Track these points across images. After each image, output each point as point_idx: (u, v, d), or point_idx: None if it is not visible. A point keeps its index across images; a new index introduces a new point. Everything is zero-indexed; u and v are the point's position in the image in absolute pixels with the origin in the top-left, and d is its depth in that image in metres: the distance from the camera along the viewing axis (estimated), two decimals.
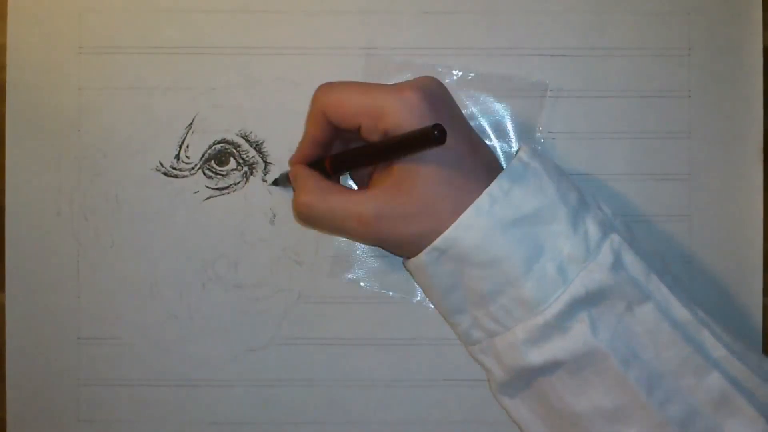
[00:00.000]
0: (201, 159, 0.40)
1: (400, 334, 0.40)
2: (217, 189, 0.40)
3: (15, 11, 0.40)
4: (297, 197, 0.35)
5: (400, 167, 0.34)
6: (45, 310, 0.40)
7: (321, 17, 0.40)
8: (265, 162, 0.40)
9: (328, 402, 0.40)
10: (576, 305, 0.33)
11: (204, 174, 0.40)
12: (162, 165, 0.40)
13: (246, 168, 0.40)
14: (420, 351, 0.40)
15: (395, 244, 0.35)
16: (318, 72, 0.40)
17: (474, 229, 0.33)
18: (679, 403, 0.32)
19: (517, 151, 0.35)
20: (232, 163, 0.40)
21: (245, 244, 0.40)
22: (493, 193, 0.33)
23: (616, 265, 0.33)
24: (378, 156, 0.34)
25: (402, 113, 0.33)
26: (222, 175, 0.40)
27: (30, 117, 0.40)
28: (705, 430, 0.32)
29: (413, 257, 0.34)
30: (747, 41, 0.40)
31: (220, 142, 0.40)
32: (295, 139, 0.39)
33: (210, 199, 0.40)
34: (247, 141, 0.40)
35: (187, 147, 0.40)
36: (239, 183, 0.40)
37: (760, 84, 0.40)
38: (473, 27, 0.40)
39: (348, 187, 0.36)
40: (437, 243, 0.33)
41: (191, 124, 0.40)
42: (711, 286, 0.40)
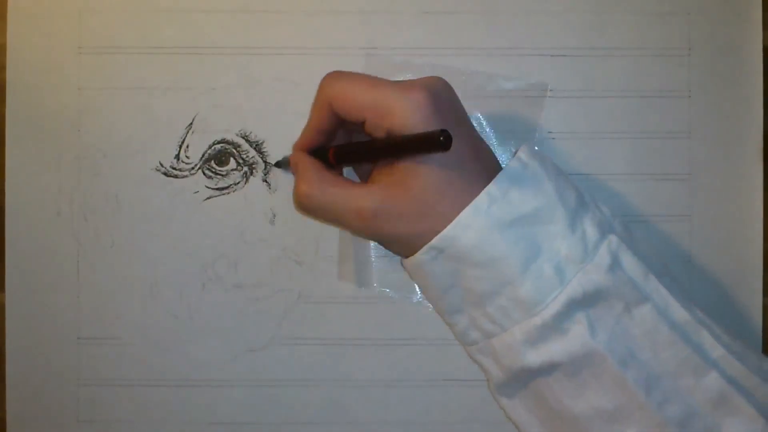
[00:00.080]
0: (201, 159, 0.40)
1: (400, 334, 0.40)
2: (217, 189, 0.40)
3: (15, 11, 0.40)
4: (297, 186, 0.35)
5: (402, 166, 0.34)
6: (45, 310, 0.40)
7: (321, 17, 0.40)
8: (265, 162, 0.40)
9: (328, 402, 0.40)
10: (573, 306, 0.33)
11: (204, 174, 0.40)
12: (162, 165, 0.40)
13: (246, 168, 0.40)
14: (420, 351, 0.40)
15: (393, 241, 0.35)
16: (318, 72, 0.40)
17: (472, 229, 0.33)
18: (678, 404, 0.32)
19: (516, 151, 0.35)
20: (232, 163, 0.40)
21: (245, 244, 0.40)
22: (492, 193, 0.33)
23: (613, 266, 0.33)
24: (381, 154, 0.34)
25: (408, 114, 0.32)
26: (222, 175, 0.40)
27: (30, 117, 0.40)
28: (704, 429, 0.32)
29: (411, 256, 0.35)
30: (747, 41, 0.40)
31: (220, 142, 0.40)
32: (295, 139, 0.39)
33: (210, 199, 0.40)
34: (247, 141, 0.40)
35: (187, 147, 0.40)
36: (239, 183, 0.40)
37: (760, 84, 0.40)
38: (473, 27, 0.40)
39: (348, 180, 0.36)
40: (435, 242, 0.33)
41: (191, 124, 0.40)
42: (711, 286, 0.40)
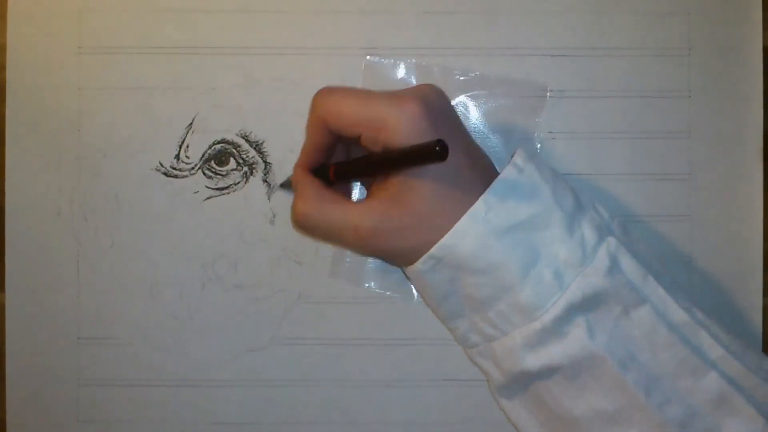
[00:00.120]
0: (201, 159, 0.40)
1: (400, 334, 0.40)
2: (217, 189, 0.40)
3: (15, 11, 0.40)
4: (295, 205, 0.35)
5: (397, 180, 0.33)
6: (45, 310, 0.40)
7: (321, 17, 0.40)
8: (265, 162, 0.40)
9: (327, 402, 0.40)
10: (573, 310, 0.33)
11: (204, 174, 0.40)
12: (162, 165, 0.40)
13: (246, 168, 0.40)
14: (420, 351, 0.40)
15: (392, 255, 0.35)
16: (318, 72, 0.40)
17: (469, 237, 0.33)
18: (678, 404, 0.32)
19: (512, 156, 0.35)
20: (232, 163, 0.40)
21: (245, 244, 0.40)
22: (488, 201, 0.33)
23: (612, 269, 0.33)
24: (380, 168, 0.34)
25: (402, 126, 0.32)
26: (222, 175, 0.40)
27: (30, 117, 0.40)
28: (704, 430, 0.32)
29: (410, 266, 0.34)
30: (747, 41, 0.40)
31: (220, 142, 0.40)
32: (295, 139, 0.39)
33: (210, 199, 0.40)
34: (247, 141, 0.40)
35: (187, 147, 0.40)
36: (239, 183, 0.40)
37: (760, 84, 0.40)
38: (473, 27, 0.40)
39: (346, 198, 0.36)
40: (433, 251, 0.33)
41: (191, 124, 0.40)
42: (711, 286, 0.40)
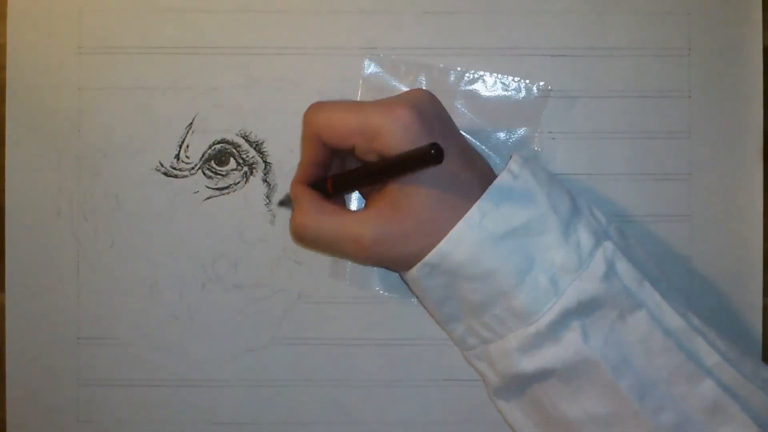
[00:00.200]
0: (201, 159, 0.40)
1: (400, 334, 0.40)
2: (217, 189, 0.40)
3: (15, 11, 0.40)
4: (294, 218, 0.35)
5: (395, 188, 0.34)
6: (45, 310, 0.40)
7: (321, 17, 0.40)
8: (265, 162, 0.40)
9: (328, 402, 0.40)
10: (568, 315, 0.33)
11: (204, 174, 0.40)
12: (162, 165, 0.40)
13: (246, 168, 0.40)
14: (420, 351, 0.40)
15: (392, 263, 0.35)
16: (318, 72, 0.40)
17: (464, 243, 0.33)
18: (672, 411, 0.32)
19: (508, 162, 0.35)
20: (232, 163, 0.40)
21: (245, 244, 0.40)
22: (483, 207, 0.33)
23: (608, 274, 0.33)
24: (376, 177, 0.34)
25: (395, 133, 0.32)
26: (222, 175, 0.40)
27: (30, 117, 0.40)
28: None
29: (407, 272, 0.35)
30: (747, 41, 0.40)
31: (220, 142, 0.40)
32: (295, 139, 0.40)
33: (210, 199, 0.40)
34: (247, 141, 0.40)
35: (187, 147, 0.40)
36: (239, 183, 0.40)
37: (760, 84, 0.40)
38: (473, 27, 0.40)
39: (345, 209, 0.36)
40: (428, 258, 0.33)
41: (191, 124, 0.40)
42: (711, 286, 0.40)
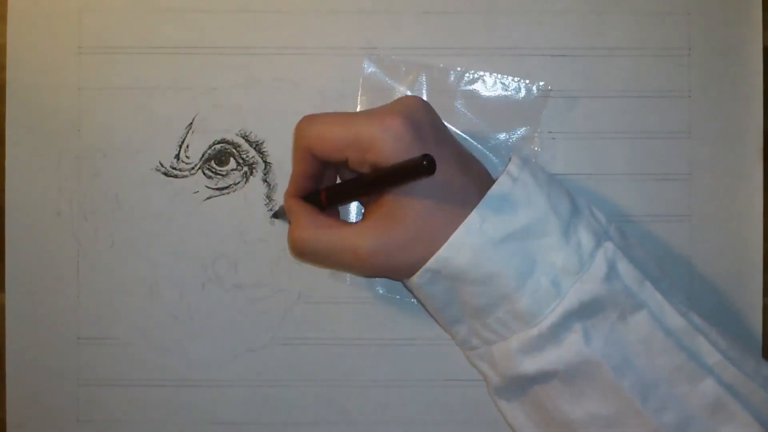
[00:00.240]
0: (201, 159, 0.40)
1: (400, 334, 0.40)
2: (217, 189, 0.40)
3: (15, 11, 0.40)
4: (291, 233, 0.35)
5: (390, 198, 0.33)
6: (45, 310, 0.40)
7: (321, 17, 0.40)
8: (265, 162, 0.40)
9: (328, 402, 0.40)
10: (570, 317, 0.33)
11: (204, 174, 0.40)
12: (162, 165, 0.40)
13: (246, 168, 0.40)
14: (420, 351, 0.40)
15: (391, 272, 0.35)
16: (318, 72, 0.40)
17: (465, 248, 0.33)
18: (674, 410, 0.32)
19: (507, 165, 0.35)
20: (232, 163, 0.40)
21: (245, 244, 0.40)
22: (483, 212, 0.33)
23: (609, 275, 0.33)
24: (369, 189, 0.34)
25: (387, 144, 0.32)
26: (222, 175, 0.40)
27: (30, 117, 0.40)
28: None
29: (409, 279, 0.35)
30: (747, 41, 0.40)
31: (220, 142, 0.40)
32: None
33: (210, 199, 0.40)
34: (247, 141, 0.40)
35: (187, 147, 0.40)
36: (239, 183, 0.40)
37: (760, 84, 0.40)
38: (473, 27, 0.40)
39: (342, 221, 0.36)
40: (430, 264, 0.33)
41: (191, 124, 0.40)
42: (711, 286, 0.40)
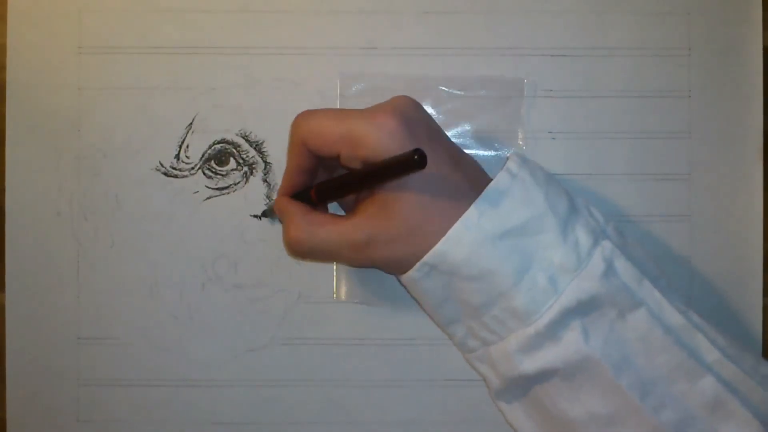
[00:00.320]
0: (201, 159, 0.40)
1: (400, 334, 0.40)
2: (217, 189, 0.40)
3: (15, 11, 0.40)
4: (286, 233, 0.35)
5: (382, 193, 0.34)
6: (45, 310, 0.40)
7: (321, 17, 0.40)
8: (265, 162, 0.40)
9: (327, 402, 0.40)
10: (568, 314, 0.33)
11: (204, 174, 0.40)
12: (162, 165, 0.40)
13: (246, 168, 0.40)
14: (420, 351, 0.40)
15: (387, 264, 0.35)
16: (318, 72, 0.40)
17: (462, 244, 0.33)
18: (673, 408, 0.32)
19: (505, 161, 0.35)
20: (232, 163, 0.40)
21: (245, 244, 0.40)
22: (481, 207, 0.33)
23: (607, 273, 0.33)
24: (361, 184, 0.34)
25: (379, 140, 0.32)
26: (222, 175, 0.40)
27: (30, 117, 0.40)
28: None
29: (405, 274, 0.35)
30: (747, 41, 0.40)
31: (220, 142, 0.40)
32: None
33: (210, 199, 0.40)
34: (247, 141, 0.40)
35: (187, 147, 0.40)
36: (239, 183, 0.40)
37: (760, 84, 0.40)
38: (473, 27, 0.40)
39: (335, 216, 0.36)
40: (427, 258, 0.33)
41: (191, 124, 0.40)
42: (711, 286, 0.40)
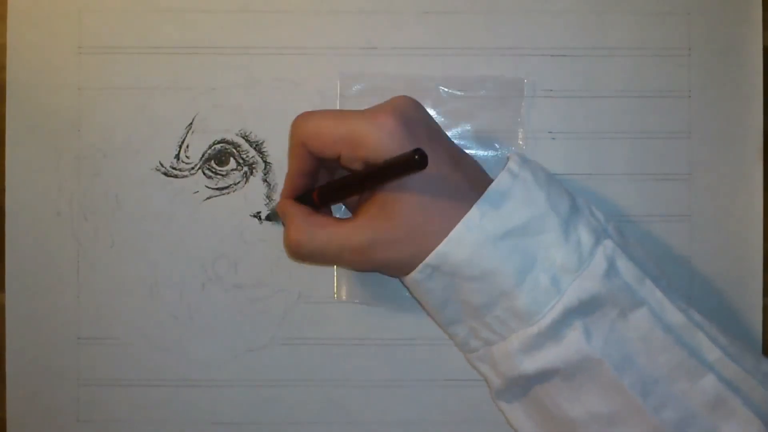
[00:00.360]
0: (201, 159, 0.40)
1: (400, 334, 0.40)
2: (217, 189, 0.40)
3: (15, 11, 0.40)
4: (287, 235, 0.35)
5: (383, 194, 0.33)
6: (45, 310, 0.40)
7: (321, 17, 0.40)
8: (265, 162, 0.40)
9: (327, 402, 0.40)
10: (569, 314, 0.33)
11: (204, 174, 0.40)
12: (162, 165, 0.40)
13: (246, 168, 0.40)
14: (420, 351, 0.40)
15: (389, 266, 0.35)
16: (318, 72, 0.40)
17: (464, 244, 0.33)
18: (675, 407, 0.32)
19: (507, 162, 0.35)
20: (232, 163, 0.40)
21: (245, 244, 0.40)
22: (483, 208, 0.33)
23: (609, 272, 0.33)
24: (362, 186, 0.34)
25: (379, 140, 0.32)
26: (222, 175, 0.40)
27: (30, 117, 0.40)
28: None
29: (407, 275, 0.35)
30: (747, 41, 0.40)
31: (220, 142, 0.40)
32: None
33: (210, 199, 0.40)
34: (247, 141, 0.40)
35: (187, 147, 0.40)
36: (239, 183, 0.40)
37: (760, 84, 0.40)
38: (473, 27, 0.40)
39: (336, 219, 0.36)
40: (429, 259, 0.33)
41: (191, 124, 0.40)
42: (711, 286, 0.40)
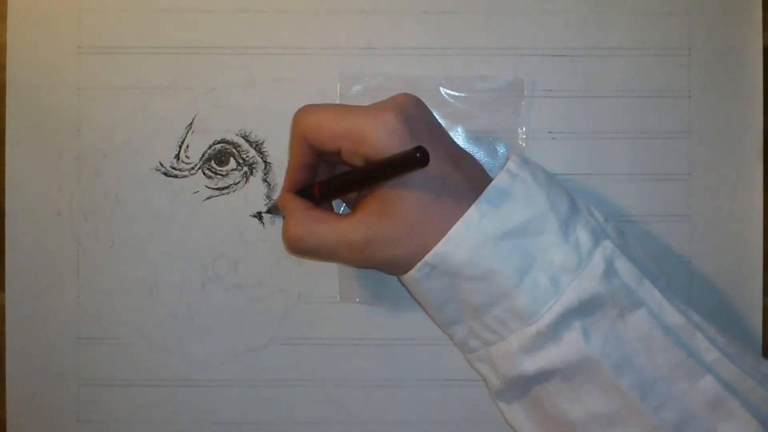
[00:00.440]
0: (201, 159, 0.40)
1: (400, 334, 0.40)
2: (217, 189, 0.40)
3: (15, 11, 0.40)
4: (286, 229, 0.35)
5: (383, 191, 0.33)
6: (45, 310, 0.40)
7: (321, 17, 0.40)
8: (265, 162, 0.40)
9: (328, 402, 0.40)
10: (569, 314, 0.33)
11: (204, 174, 0.40)
12: (162, 165, 0.40)
13: (246, 168, 0.40)
14: (420, 351, 0.40)
15: (387, 264, 0.35)
16: (318, 72, 0.40)
17: (464, 244, 0.33)
18: (673, 408, 0.32)
19: (506, 161, 0.35)
20: (232, 163, 0.40)
21: (245, 244, 0.40)
22: (482, 207, 0.33)
23: (608, 273, 0.33)
24: (363, 182, 0.34)
25: (381, 137, 0.32)
26: (222, 175, 0.40)
27: (30, 117, 0.40)
28: None
29: (406, 274, 0.34)
30: (747, 41, 0.40)
31: (220, 142, 0.40)
32: None
33: (210, 199, 0.40)
34: (247, 141, 0.40)
35: (187, 147, 0.40)
36: (239, 183, 0.40)
37: (760, 84, 0.40)
38: (473, 27, 0.40)
39: (336, 214, 0.36)
40: (428, 259, 0.33)
41: (191, 124, 0.40)
42: (711, 286, 0.40)
